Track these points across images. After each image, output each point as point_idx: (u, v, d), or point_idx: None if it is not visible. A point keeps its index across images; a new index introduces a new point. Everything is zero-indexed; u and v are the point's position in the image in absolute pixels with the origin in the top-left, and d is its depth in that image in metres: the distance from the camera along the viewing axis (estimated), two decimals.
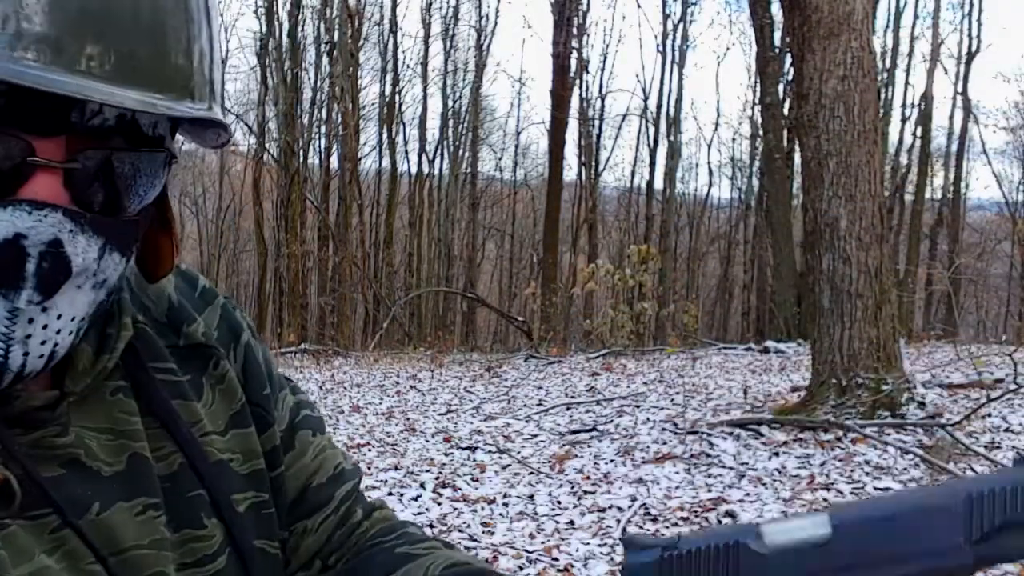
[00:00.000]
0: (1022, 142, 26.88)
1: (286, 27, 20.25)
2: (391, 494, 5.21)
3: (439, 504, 5.03)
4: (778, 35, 15.81)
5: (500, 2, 48.23)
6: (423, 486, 5.36)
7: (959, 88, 22.91)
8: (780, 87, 16.40)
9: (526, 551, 4.22)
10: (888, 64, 21.74)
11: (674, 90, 23.85)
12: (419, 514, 4.84)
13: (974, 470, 5.15)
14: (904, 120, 23.02)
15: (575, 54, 21.62)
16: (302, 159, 20.22)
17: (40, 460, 0.62)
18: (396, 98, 23.84)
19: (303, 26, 20.83)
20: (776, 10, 13.95)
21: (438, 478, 5.53)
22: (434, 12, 25.24)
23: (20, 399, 0.62)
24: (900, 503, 0.55)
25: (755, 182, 23.93)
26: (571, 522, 4.66)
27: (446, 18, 25.30)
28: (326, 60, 21.04)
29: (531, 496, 5.13)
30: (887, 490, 4.90)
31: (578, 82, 22.67)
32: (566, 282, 19.14)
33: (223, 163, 27.42)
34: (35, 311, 0.57)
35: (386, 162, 24.04)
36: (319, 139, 22.70)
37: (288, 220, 18.94)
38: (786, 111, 15.53)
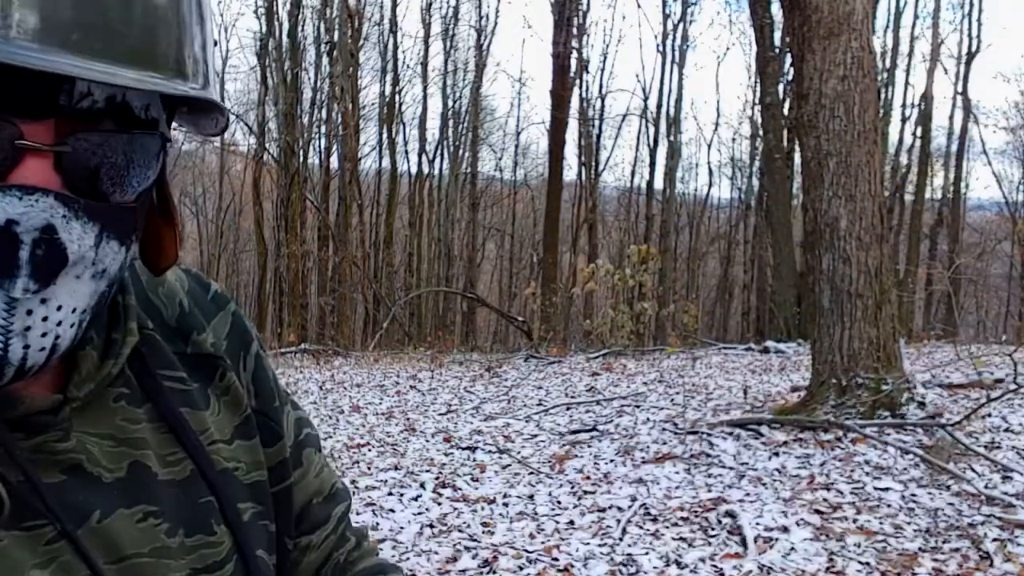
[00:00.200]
0: (1022, 142, 26.90)
1: (286, 27, 20.26)
2: (391, 494, 5.21)
3: (439, 504, 5.03)
4: (778, 35, 15.81)
5: (500, 2, 48.32)
6: (423, 486, 5.35)
7: (959, 88, 22.94)
8: (780, 87, 16.40)
9: (526, 551, 4.22)
10: (888, 64, 21.76)
11: (674, 90, 23.89)
12: (419, 514, 4.84)
13: (974, 470, 5.15)
14: (904, 120, 23.05)
15: (575, 54, 21.63)
16: (302, 159, 20.22)
17: (41, 465, 0.61)
18: (396, 98, 23.85)
19: (303, 26, 20.84)
20: (776, 10, 13.95)
21: (438, 478, 5.53)
22: (434, 12, 25.28)
23: (23, 403, 0.60)
24: None
25: (755, 182, 23.94)
26: (571, 522, 4.66)
27: (446, 18, 25.34)
28: (326, 60, 21.05)
29: (531, 496, 5.13)
30: (887, 490, 4.90)
31: (578, 82, 22.69)
32: (566, 282, 19.14)
33: (223, 163, 27.44)
34: (34, 302, 0.56)
35: (386, 162, 24.07)
36: (319, 139, 22.74)
37: (288, 220, 18.94)
38: (786, 111, 15.53)
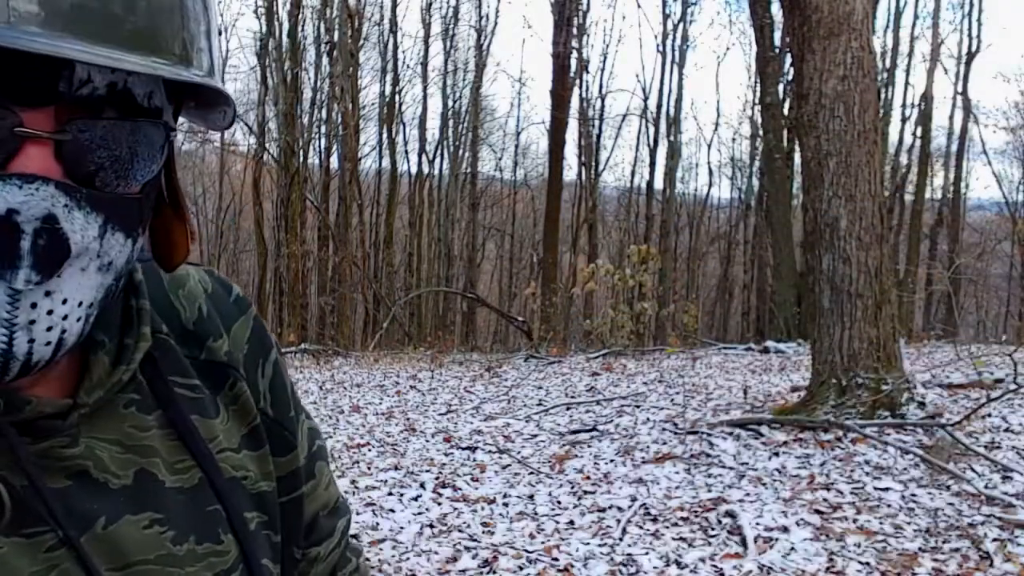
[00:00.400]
0: (1022, 142, 26.90)
1: (286, 27, 20.25)
2: (391, 494, 5.21)
3: (439, 504, 5.03)
4: (778, 35, 15.81)
5: (500, 2, 48.36)
6: (423, 486, 5.35)
7: (959, 88, 22.94)
8: (780, 87, 16.40)
9: (526, 551, 4.22)
10: (888, 64, 21.76)
11: (674, 90, 23.89)
12: (419, 514, 4.84)
13: (974, 470, 5.15)
14: (904, 120, 23.06)
15: (575, 54, 21.63)
16: (302, 159, 20.22)
17: (47, 471, 0.61)
18: (396, 98, 23.86)
19: (303, 26, 20.83)
20: (776, 10, 13.95)
21: (438, 478, 5.53)
22: (434, 12, 25.28)
23: (31, 405, 0.60)
24: None
25: (755, 182, 23.94)
26: (571, 522, 4.66)
27: (446, 18, 25.35)
28: (326, 60, 21.05)
29: (531, 496, 5.13)
30: (887, 490, 4.90)
31: (578, 82, 22.68)
32: (566, 282, 19.13)
33: (223, 163, 27.42)
34: (38, 295, 0.54)
35: (386, 162, 24.07)
36: (319, 139, 22.74)
37: (288, 220, 18.93)
38: (786, 111, 15.53)
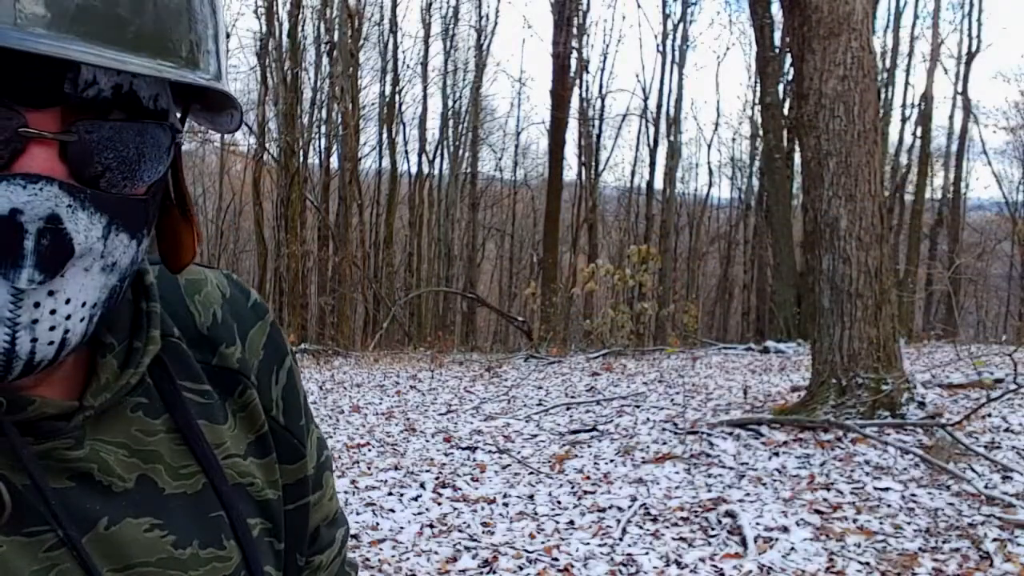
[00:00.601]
0: (1022, 142, 26.91)
1: (286, 27, 20.24)
2: (391, 494, 5.21)
3: (439, 504, 5.03)
4: (778, 35, 15.82)
5: (500, 2, 48.48)
6: (423, 486, 5.36)
7: (959, 88, 22.94)
8: (780, 87, 16.40)
9: (526, 551, 4.22)
10: (888, 64, 21.77)
11: (674, 90, 23.89)
12: (419, 514, 4.84)
13: (974, 470, 5.15)
14: (904, 120, 23.07)
15: (575, 54, 21.61)
16: (302, 159, 20.22)
17: (49, 472, 0.60)
18: (396, 98, 23.86)
19: (303, 26, 20.83)
20: (776, 10, 13.96)
21: (438, 478, 5.53)
22: (434, 12, 25.31)
23: (33, 406, 0.59)
24: None
25: (755, 182, 23.95)
26: (571, 522, 4.66)
27: (446, 18, 25.36)
28: (326, 60, 21.05)
29: (531, 496, 5.13)
30: (887, 490, 4.90)
31: (578, 82, 22.68)
32: (566, 282, 19.13)
33: (223, 163, 27.42)
34: (41, 294, 0.54)
35: (386, 162, 24.07)
36: (319, 139, 22.75)
37: (288, 220, 18.92)
38: (786, 111, 15.53)
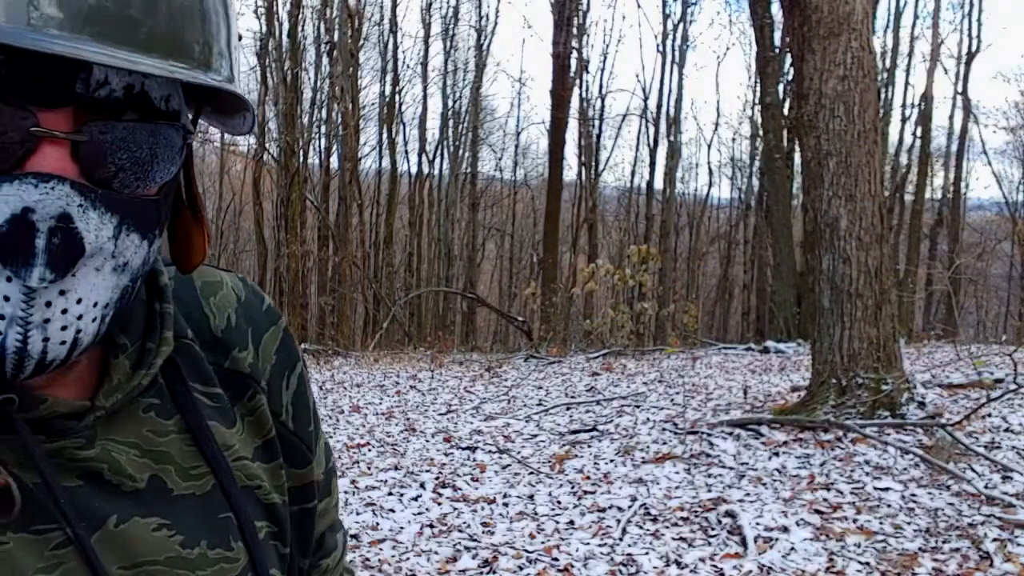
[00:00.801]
0: (1022, 142, 26.91)
1: (286, 27, 20.23)
2: (391, 494, 5.21)
3: (439, 504, 5.03)
4: (778, 35, 15.81)
5: (500, 2, 48.48)
6: (423, 486, 5.36)
7: (959, 88, 22.94)
8: (780, 87, 16.40)
9: (526, 551, 4.22)
10: (888, 64, 21.76)
11: (674, 90, 23.88)
12: (419, 514, 4.84)
13: (974, 470, 5.15)
14: (904, 120, 23.06)
15: (575, 54, 21.61)
16: (302, 159, 20.21)
17: (59, 470, 0.61)
18: (396, 98, 23.86)
19: (303, 26, 20.82)
20: (776, 10, 13.95)
21: (438, 478, 5.53)
22: (434, 12, 25.31)
23: (45, 404, 0.60)
24: None
25: (755, 182, 23.95)
26: (571, 522, 4.66)
27: (446, 18, 25.36)
28: (326, 60, 21.05)
29: (531, 496, 5.13)
30: (887, 490, 4.90)
31: (578, 82, 22.68)
32: (566, 282, 19.13)
33: (223, 163, 27.40)
34: (52, 293, 0.55)
35: (386, 162, 24.06)
36: (319, 139, 22.75)
37: (288, 220, 18.92)
38: (786, 111, 15.53)
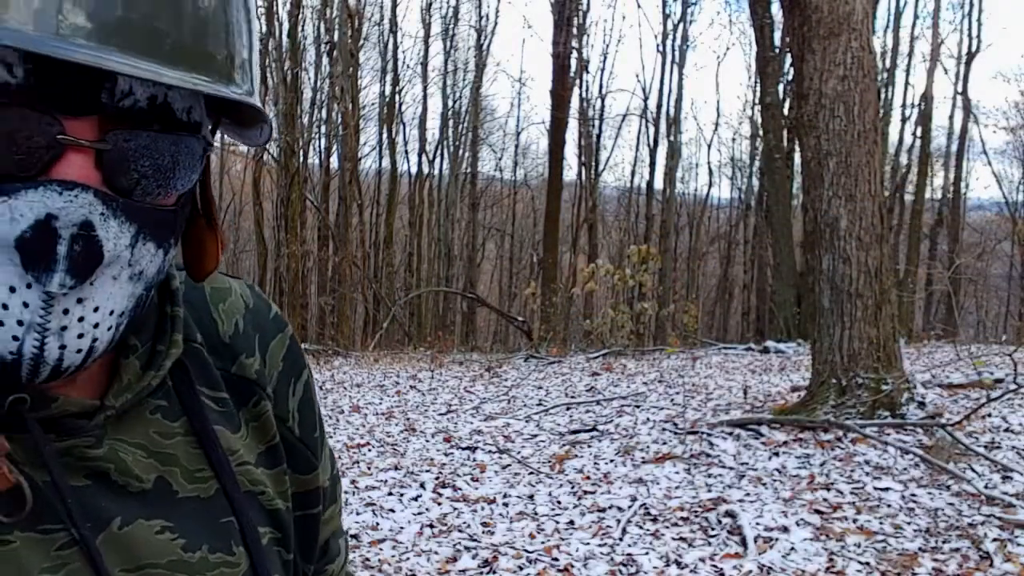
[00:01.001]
0: (1022, 142, 26.91)
1: (286, 27, 20.22)
2: (391, 494, 5.21)
3: (439, 504, 5.03)
4: (778, 35, 15.81)
5: (500, 2, 48.51)
6: (423, 486, 5.36)
7: (959, 88, 22.94)
8: (780, 87, 16.40)
9: (526, 551, 4.22)
10: (888, 64, 21.76)
11: (674, 90, 23.89)
12: (419, 514, 4.84)
13: (974, 470, 5.15)
14: (904, 120, 23.07)
15: (575, 54, 21.61)
16: (302, 159, 20.20)
17: (67, 469, 0.61)
18: (396, 98, 23.86)
19: (303, 26, 20.81)
20: (776, 10, 13.95)
21: (438, 478, 5.53)
22: (434, 12, 25.34)
23: (56, 403, 0.60)
24: None
25: (755, 182, 23.95)
26: (571, 522, 4.66)
27: (446, 18, 25.36)
28: (326, 60, 21.05)
29: (531, 496, 5.13)
30: (887, 490, 4.90)
31: (578, 82, 22.68)
32: (566, 282, 19.13)
33: (223, 163, 27.39)
34: (70, 301, 0.55)
35: (386, 162, 24.07)
36: (319, 139, 22.75)
37: (288, 220, 18.92)
38: (786, 111, 15.53)
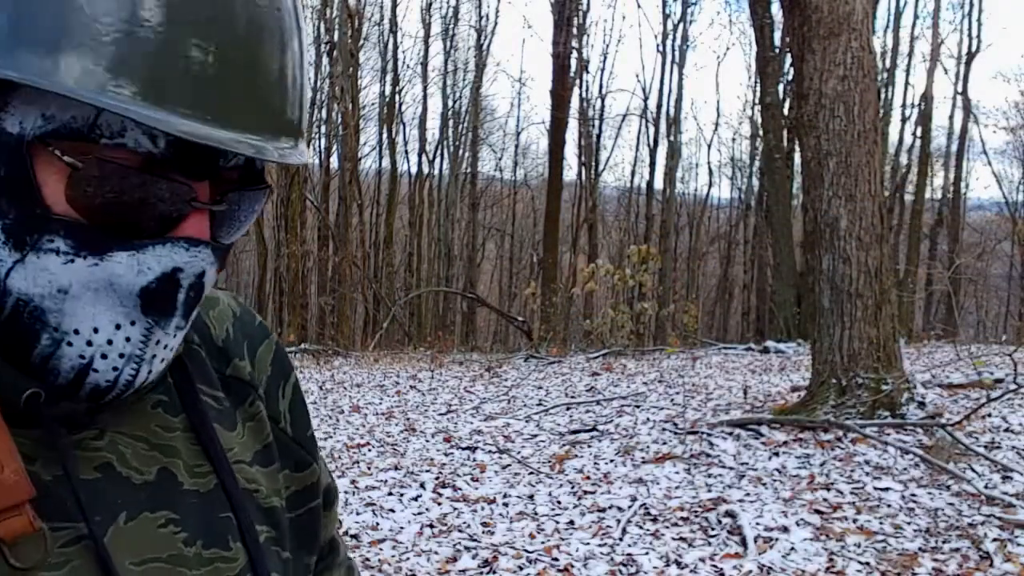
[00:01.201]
0: (1022, 142, 26.92)
1: None
2: (391, 494, 5.21)
3: (439, 504, 5.03)
4: (778, 35, 15.81)
5: (500, 2, 48.51)
6: (423, 486, 5.36)
7: (959, 88, 22.94)
8: (780, 87, 16.40)
9: (526, 551, 4.22)
10: (888, 64, 21.77)
11: (674, 90, 23.90)
12: (419, 514, 4.84)
13: (974, 470, 5.15)
14: (904, 120, 23.08)
15: (575, 54, 21.61)
16: None
17: (79, 462, 0.63)
18: (396, 98, 23.88)
19: None
20: (776, 10, 13.95)
21: (438, 478, 5.53)
22: (434, 12, 25.34)
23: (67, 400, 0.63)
24: None
25: (755, 182, 23.96)
26: (571, 522, 4.66)
27: (446, 18, 25.38)
28: (326, 60, 21.04)
29: (531, 496, 5.13)
30: (887, 490, 4.90)
31: (578, 82, 22.68)
32: (566, 282, 19.13)
33: None
34: (162, 332, 0.63)
35: (386, 162, 24.08)
36: (319, 139, 22.73)
37: (288, 220, 18.92)
38: (786, 111, 15.53)
